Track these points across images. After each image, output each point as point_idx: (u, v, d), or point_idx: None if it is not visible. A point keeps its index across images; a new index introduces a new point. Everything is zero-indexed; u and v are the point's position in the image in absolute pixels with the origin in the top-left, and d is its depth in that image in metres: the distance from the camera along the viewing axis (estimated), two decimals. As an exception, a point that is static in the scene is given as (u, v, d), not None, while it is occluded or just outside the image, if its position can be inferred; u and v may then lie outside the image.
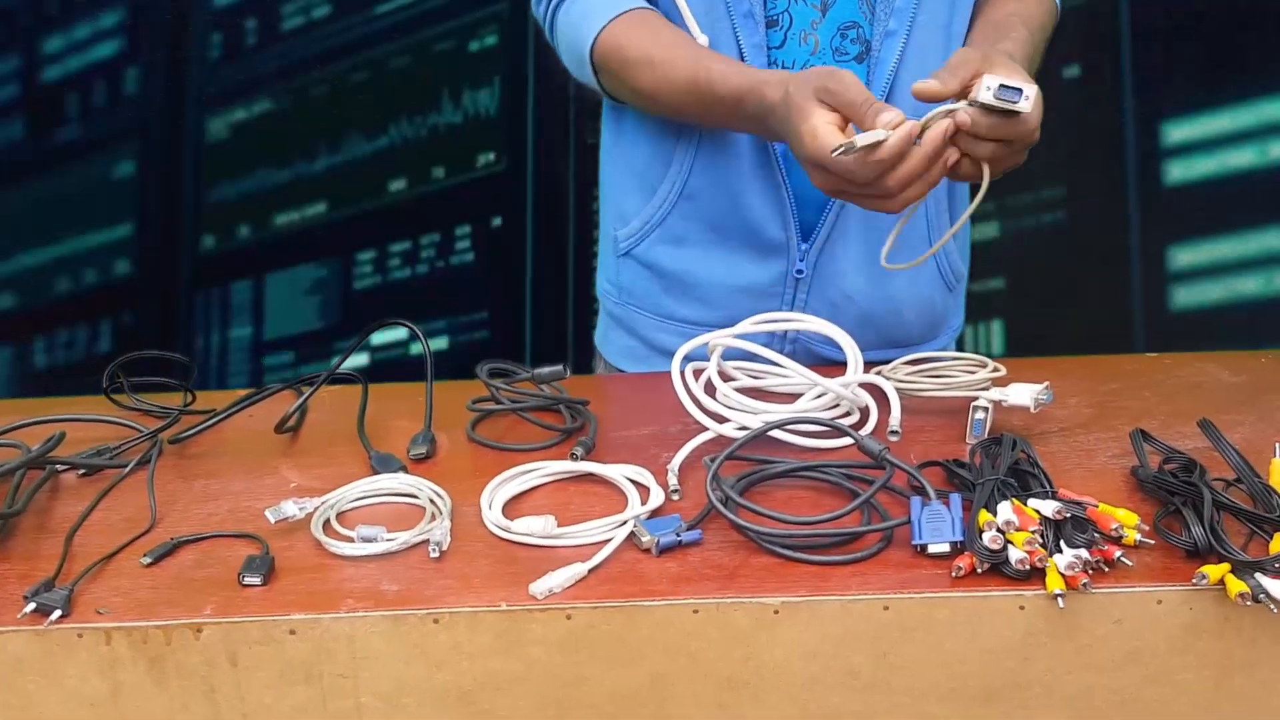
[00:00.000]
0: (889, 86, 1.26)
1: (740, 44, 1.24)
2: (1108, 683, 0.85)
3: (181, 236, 2.43)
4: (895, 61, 1.25)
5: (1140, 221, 2.38)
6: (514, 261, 2.45)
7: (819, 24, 1.25)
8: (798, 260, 1.30)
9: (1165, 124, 2.34)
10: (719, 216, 1.31)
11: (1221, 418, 1.04)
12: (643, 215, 1.35)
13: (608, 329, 1.46)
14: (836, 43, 1.26)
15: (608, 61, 1.26)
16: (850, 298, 1.32)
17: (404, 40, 2.38)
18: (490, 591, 0.85)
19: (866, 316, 1.32)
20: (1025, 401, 1.06)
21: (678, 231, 1.33)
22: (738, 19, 1.24)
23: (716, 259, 1.32)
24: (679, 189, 1.32)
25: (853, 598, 0.84)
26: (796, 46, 1.26)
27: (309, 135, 2.40)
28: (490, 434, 1.12)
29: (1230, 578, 0.83)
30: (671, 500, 0.98)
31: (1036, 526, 0.86)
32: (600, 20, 1.26)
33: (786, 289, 1.32)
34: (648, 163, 1.34)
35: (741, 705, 0.85)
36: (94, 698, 0.83)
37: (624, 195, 1.38)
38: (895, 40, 1.25)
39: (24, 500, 0.97)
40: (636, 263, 1.38)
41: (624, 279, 1.40)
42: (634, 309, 1.39)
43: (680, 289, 1.35)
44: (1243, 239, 2.38)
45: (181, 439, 1.10)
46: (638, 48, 1.23)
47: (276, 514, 0.93)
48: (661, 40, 1.23)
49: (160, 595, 0.85)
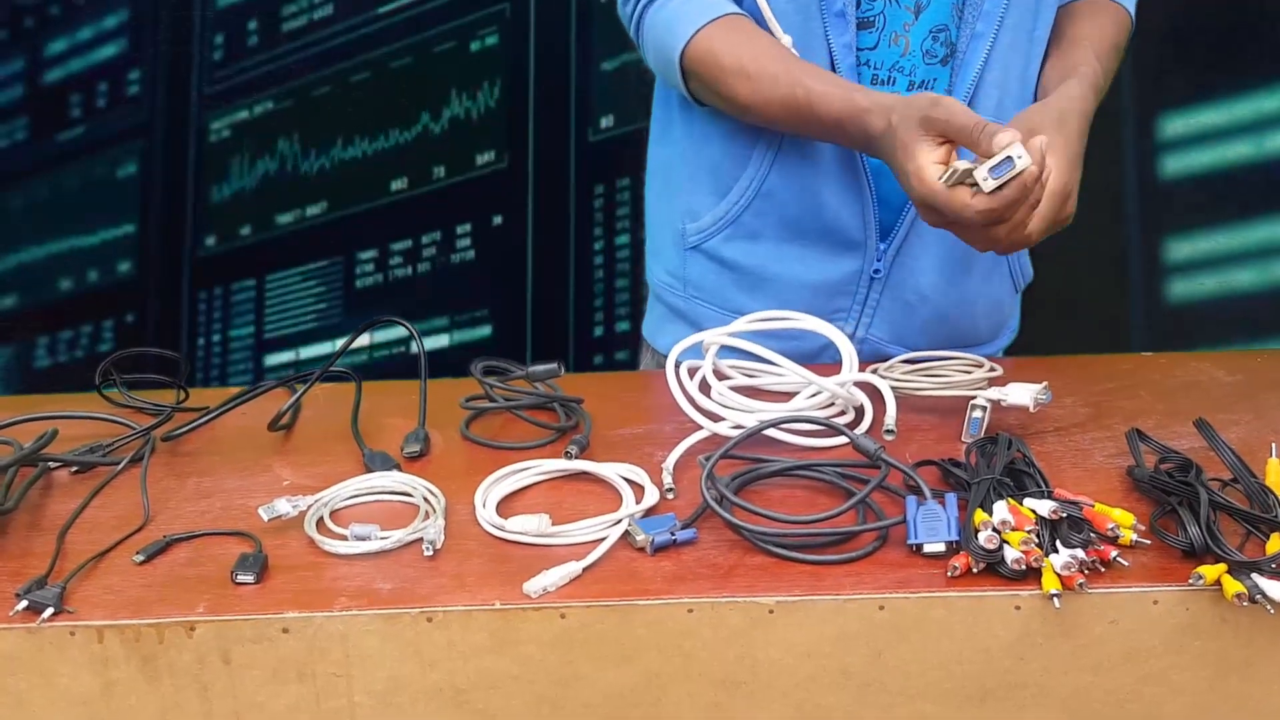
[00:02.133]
0: (974, 88, 1.26)
1: (830, 43, 1.24)
2: (1104, 683, 0.85)
3: (184, 236, 2.44)
4: (981, 64, 1.25)
5: (1138, 214, 2.38)
6: (515, 260, 2.45)
7: (911, 25, 1.25)
8: (875, 260, 1.30)
9: (1162, 118, 2.34)
10: (796, 214, 1.31)
11: (1218, 417, 1.04)
12: (715, 212, 1.34)
13: (663, 320, 1.45)
14: (927, 45, 1.26)
15: (700, 68, 1.25)
16: (925, 297, 1.32)
17: (405, 40, 2.38)
18: (484, 590, 0.85)
19: (940, 316, 1.32)
20: (1025, 401, 1.06)
21: (752, 228, 1.33)
22: (829, 18, 1.23)
23: (792, 255, 1.32)
24: (756, 188, 1.31)
25: (848, 597, 0.84)
26: (887, 47, 1.26)
27: (311, 135, 2.40)
28: (484, 432, 1.12)
29: (1226, 578, 0.83)
30: (666, 499, 0.98)
31: (1032, 526, 0.86)
32: (693, 25, 1.24)
33: (860, 287, 1.32)
34: (721, 160, 1.33)
35: (736, 704, 0.85)
36: (86, 696, 0.83)
37: (695, 191, 1.37)
38: (982, 42, 1.25)
39: (16, 497, 0.97)
40: (705, 256, 1.36)
41: (690, 272, 1.39)
42: (699, 302, 1.38)
43: (751, 283, 1.34)
44: (1239, 231, 2.38)
45: (174, 436, 1.10)
46: (732, 57, 1.22)
47: (270, 512, 0.93)
48: (757, 50, 1.22)
49: (153, 593, 0.85)
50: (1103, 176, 2.38)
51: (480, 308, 2.46)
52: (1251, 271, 2.39)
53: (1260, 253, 2.38)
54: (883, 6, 1.25)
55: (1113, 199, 2.39)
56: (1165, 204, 2.38)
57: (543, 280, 2.45)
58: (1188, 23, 2.30)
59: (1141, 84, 2.33)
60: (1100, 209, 2.40)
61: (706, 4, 1.25)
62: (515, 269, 2.45)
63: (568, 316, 2.46)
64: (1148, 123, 2.35)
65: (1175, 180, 2.37)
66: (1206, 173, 2.36)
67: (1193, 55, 2.31)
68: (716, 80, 1.24)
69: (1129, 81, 2.32)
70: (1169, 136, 2.35)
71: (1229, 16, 2.30)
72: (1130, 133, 2.36)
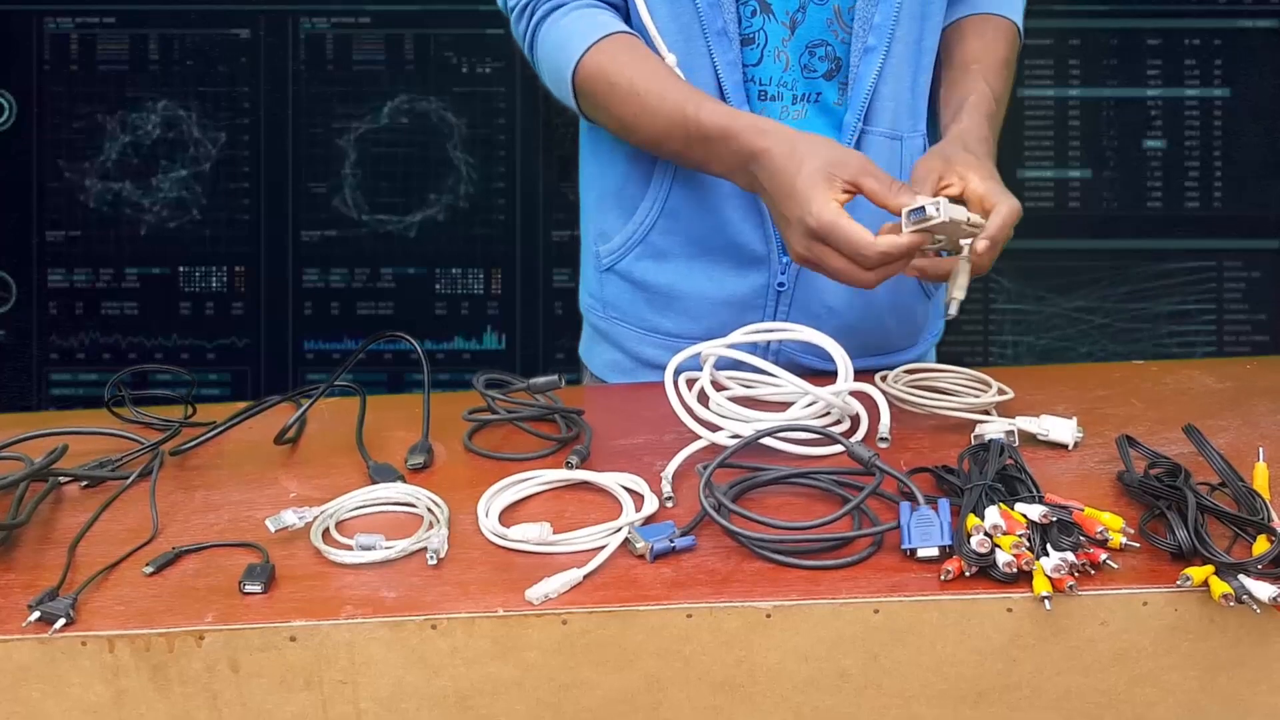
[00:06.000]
0: (867, 102, 1.27)
1: (715, 61, 1.25)
2: (1094, 684, 0.87)
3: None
4: (874, 78, 1.27)
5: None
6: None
7: (788, 41, 1.27)
8: (779, 273, 1.31)
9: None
10: (700, 232, 1.32)
11: (1207, 423, 1.05)
12: (624, 233, 1.36)
13: (592, 342, 1.47)
14: (805, 60, 1.27)
15: (590, 85, 1.25)
16: (831, 309, 1.33)
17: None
18: (487, 598, 0.86)
19: (848, 327, 1.32)
20: (1066, 439, 1.08)
21: (660, 247, 1.34)
22: (712, 37, 1.25)
23: (699, 273, 1.33)
24: (659, 207, 1.32)
25: (843, 601, 0.86)
26: (771, 63, 1.27)
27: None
28: (487, 444, 1.13)
29: (1214, 579, 0.85)
30: (665, 507, 0.99)
31: (1023, 530, 0.87)
32: (583, 43, 1.25)
33: (768, 301, 1.33)
34: (625, 183, 1.35)
35: (735, 708, 0.87)
36: (97, 705, 0.84)
37: (604, 213, 1.39)
38: (874, 57, 1.26)
39: (27, 512, 0.98)
40: (619, 277, 1.38)
41: (607, 293, 1.41)
42: (618, 322, 1.40)
43: (663, 302, 1.36)
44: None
45: (182, 451, 1.11)
46: (622, 75, 1.23)
47: (276, 523, 0.95)
48: (647, 69, 1.23)
49: (162, 603, 0.87)
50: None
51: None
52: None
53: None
54: (762, 23, 1.26)
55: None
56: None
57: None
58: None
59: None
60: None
61: (598, 22, 1.26)
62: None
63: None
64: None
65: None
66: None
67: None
68: (606, 97, 1.25)
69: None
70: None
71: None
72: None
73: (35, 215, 2.44)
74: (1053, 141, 2.49)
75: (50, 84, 2.43)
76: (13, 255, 2.45)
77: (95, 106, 2.42)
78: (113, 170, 2.43)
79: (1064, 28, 2.45)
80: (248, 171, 2.45)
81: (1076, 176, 2.48)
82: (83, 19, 2.42)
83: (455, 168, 2.46)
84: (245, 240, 2.47)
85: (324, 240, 2.47)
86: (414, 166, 2.46)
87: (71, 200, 2.44)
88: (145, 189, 2.44)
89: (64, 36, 2.42)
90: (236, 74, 2.43)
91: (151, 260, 2.47)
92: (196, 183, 2.44)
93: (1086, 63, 2.47)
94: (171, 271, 2.47)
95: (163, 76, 2.43)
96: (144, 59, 2.43)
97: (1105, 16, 2.47)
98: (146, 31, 2.42)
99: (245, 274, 2.48)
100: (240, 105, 2.44)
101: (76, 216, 2.44)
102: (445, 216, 2.47)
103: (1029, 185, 2.45)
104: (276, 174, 2.46)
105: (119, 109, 2.42)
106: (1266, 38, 2.45)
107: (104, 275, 2.46)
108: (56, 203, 2.44)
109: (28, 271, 2.46)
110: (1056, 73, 2.47)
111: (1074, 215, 2.49)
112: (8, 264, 2.45)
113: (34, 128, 2.43)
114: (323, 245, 2.48)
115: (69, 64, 2.43)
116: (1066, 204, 2.49)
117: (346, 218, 2.47)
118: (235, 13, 2.43)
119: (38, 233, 2.44)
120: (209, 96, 2.44)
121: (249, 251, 2.47)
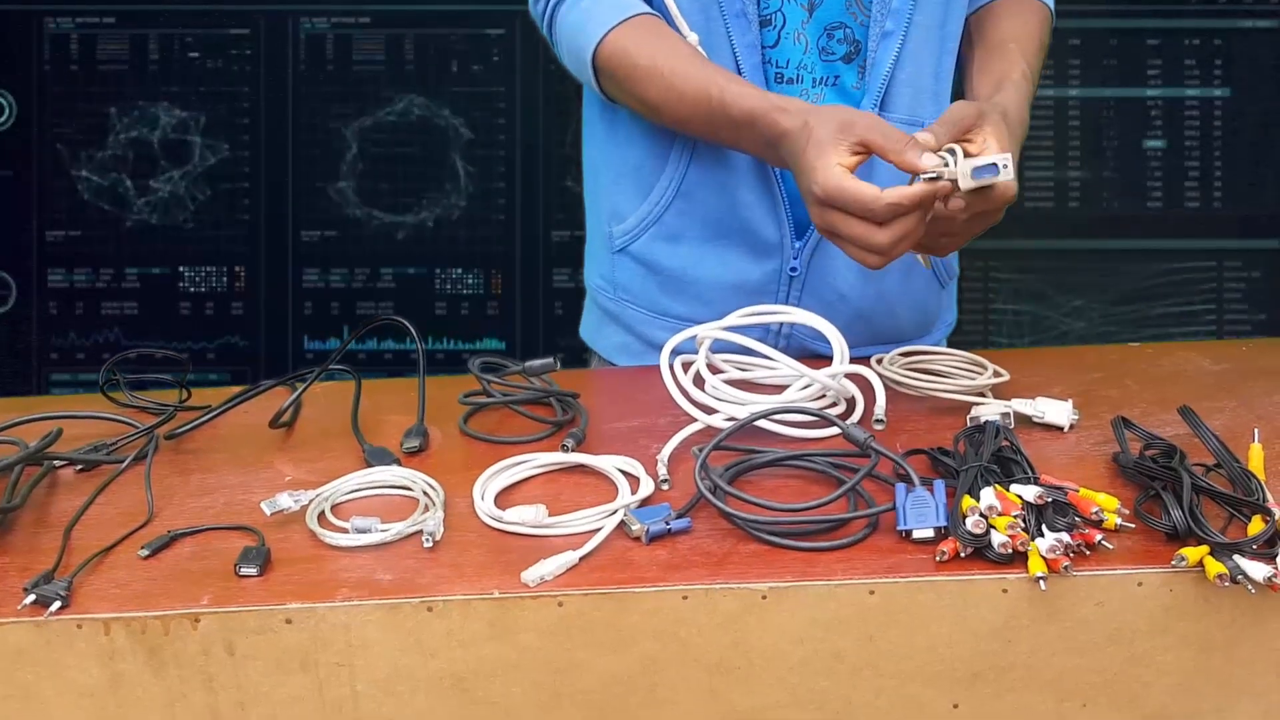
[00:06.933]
0: (885, 86, 1.27)
1: (733, 43, 1.25)
2: (1090, 664, 0.87)
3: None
4: (891, 62, 1.26)
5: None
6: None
7: (807, 23, 1.27)
8: (791, 258, 1.32)
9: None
10: (715, 215, 1.32)
11: (1202, 405, 1.05)
12: (639, 213, 1.36)
13: (600, 324, 1.47)
14: (823, 43, 1.27)
15: (613, 66, 1.25)
16: (844, 296, 1.33)
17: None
18: (483, 580, 0.86)
19: (860, 314, 1.33)
20: (1061, 421, 1.08)
21: (674, 229, 1.34)
22: (730, 18, 1.25)
23: (712, 257, 1.34)
24: (675, 187, 1.32)
25: (839, 583, 0.85)
26: (790, 45, 1.27)
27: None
28: (482, 427, 1.13)
29: (1209, 559, 0.85)
30: (661, 490, 0.99)
31: (1019, 511, 0.87)
32: (605, 24, 1.25)
33: (780, 287, 1.33)
34: (643, 161, 1.35)
35: (731, 689, 0.87)
36: (93, 688, 0.84)
37: (618, 193, 1.39)
38: (892, 40, 1.26)
39: (22, 495, 0.98)
40: (632, 259, 1.38)
41: (619, 275, 1.41)
42: (629, 305, 1.40)
43: (676, 286, 1.36)
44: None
45: (177, 434, 1.11)
46: (645, 55, 1.23)
47: (272, 506, 0.95)
48: (670, 48, 1.23)
49: (158, 586, 0.87)
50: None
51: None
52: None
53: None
54: (780, 4, 1.26)
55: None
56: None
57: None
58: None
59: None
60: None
61: (619, 3, 1.26)
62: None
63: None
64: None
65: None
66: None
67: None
68: (629, 78, 1.25)
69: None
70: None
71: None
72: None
73: (35, 215, 2.45)
74: (1052, 141, 2.49)
75: (50, 84, 2.44)
76: (13, 255, 2.45)
77: (95, 106, 2.43)
78: (113, 170, 2.44)
79: (1064, 28, 2.44)
80: (248, 171, 2.46)
81: (1076, 176, 2.49)
82: (83, 19, 2.44)
83: (455, 168, 2.46)
84: (245, 240, 2.48)
85: (324, 240, 2.48)
86: (414, 166, 2.47)
87: (71, 200, 2.45)
88: (145, 189, 2.44)
89: (64, 36, 2.43)
90: (236, 74, 2.44)
91: (151, 260, 2.47)
92: (196, 183, 2.45)
93: (1086, 63, 2.48)
94: (171, 271, 2.48)
95: (163, 76, 2.44)
96: (144, 59, 2.44)
97: (1105, 16, 2.48)
98: (146, 31, 2.43)
99: (245, 274, 2.48)
100: (240, 105, 2.45)
101: (76, 216, 2.45)
102: (445, 216, 2.47)
103: (1029, 185, 2.45)
104: (276, 174, 2.47)
105: (119, 109, 2.43)
106: (1266, 38, 2.46)
107: (104, 275, 2.47)
108: (56, 202, 2.45)
109: (28, 271, 2.46)
110: (1056, 73, 2.48)
111: (1074, 215, 2.50)
112: (8, 263, 2.46)
113: (34, 127, 2.44)
114: (322, 245, 2.49)
115: (69, 64, 2.44)
116: (1066, 204, 2.49)
117: (346, 218, 2.47)
118: (235, 13, 2.44)
119: (38, 232, 2.45)
120: (209, 96, 2.45)
121: (249, 251, 2.48)
